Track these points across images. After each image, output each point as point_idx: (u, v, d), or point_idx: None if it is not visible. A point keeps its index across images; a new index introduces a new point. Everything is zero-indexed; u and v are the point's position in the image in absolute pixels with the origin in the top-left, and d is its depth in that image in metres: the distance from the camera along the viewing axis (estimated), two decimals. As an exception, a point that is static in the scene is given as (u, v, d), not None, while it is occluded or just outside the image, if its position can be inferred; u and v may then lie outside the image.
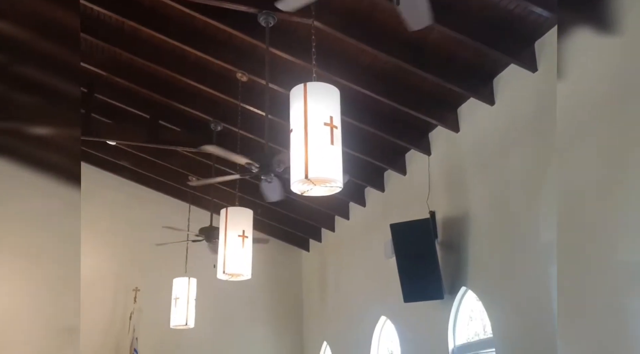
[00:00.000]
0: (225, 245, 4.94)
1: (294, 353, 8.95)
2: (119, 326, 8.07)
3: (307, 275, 9.31)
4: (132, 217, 8.66)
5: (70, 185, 1.35)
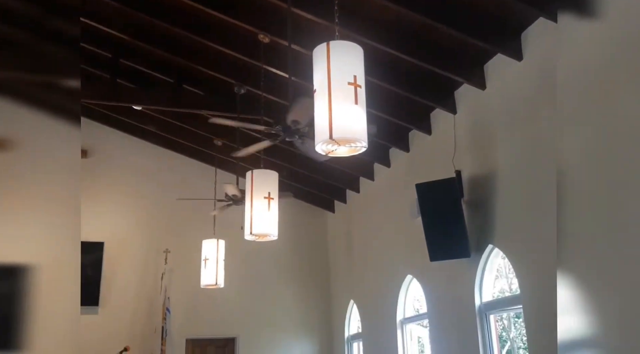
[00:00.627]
0: (252, 206, 5.01)
1: (321, 311, 9.15)
2: (151, 287, 8.34)
3: (333, 235, 9.41)
4: (160, 181, 8.82)
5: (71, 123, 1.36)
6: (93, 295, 7.99)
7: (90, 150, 8.67)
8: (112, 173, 8.68)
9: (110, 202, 8.55)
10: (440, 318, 5.96)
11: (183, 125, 8.04)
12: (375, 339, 7.48)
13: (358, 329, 8.35)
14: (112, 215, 8.52)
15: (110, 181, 8.64)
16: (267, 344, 8.67)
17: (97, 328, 7.89)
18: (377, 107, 5.89)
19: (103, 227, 8.35)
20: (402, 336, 6.79)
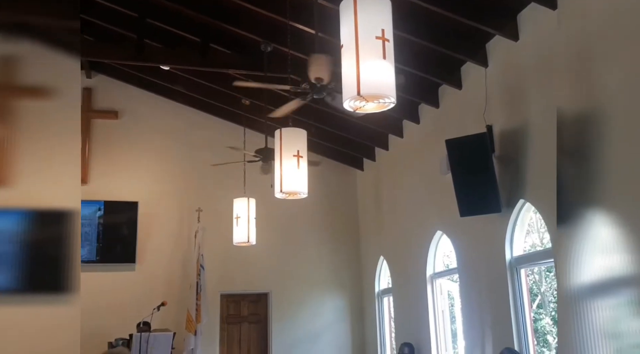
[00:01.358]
0: (281, 165, 5.05)
1: (351, 267, 9.29)
2: (185, 244, 8.57)
3: (362, 193, 9.44)
4: (190, 141, 8.93)
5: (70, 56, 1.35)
6: (130, 253, 8.26)
7: (121, 111, 8.80)
8: (144, 134, 8.81)
9: (142, 162, 8.72)
10: (470, 273, 6.00)
11: (211, 84, 8.06)
12: (405, 294, 7.59)
13: (388, 284, 8.47)
14: (145, 174, 8.70)
15: (142, 141, 8.78)
16: (298, 299, 8.89)
17: (134, 284, 8.19)
18: (405, 61, 5.78)
19: (136, 187, 8.55)
20: (432, 291, 6.87)
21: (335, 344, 8.88)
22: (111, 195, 8.36)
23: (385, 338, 8.51)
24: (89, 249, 8.11)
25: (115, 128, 8.73)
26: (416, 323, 7.04)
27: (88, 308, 7.66)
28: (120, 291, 8.13)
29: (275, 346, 8.67)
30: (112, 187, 8.43)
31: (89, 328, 7.42)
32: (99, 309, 7.81)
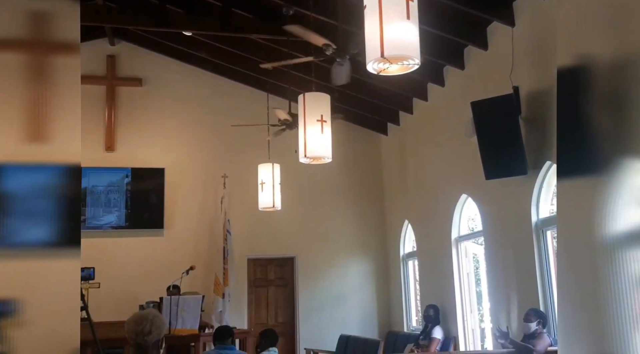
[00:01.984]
0: (305, 130, 5.06)
1: (376, 231, 9.34)
2: (211, 210, 8.70)
3: (387, 157, 9.41)
4: (214, 107, 8.97)
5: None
6: (158, 219, 8.43)
7: (145, 78, 8.85)
8: (168, 101, 8.87)
9: (167, 129, 8.80)
10: (496, 236, 5.99)
11: (233, 50, 8.03)
12: (430, 257, 7.63)
13: (413, 248, 8.52)
14: (170, 141, 8.79)
15: (167, 108, 8.85)
16: (324, 262, 9.01)
17: (163, 249, 8.39)
18: (429, 22, 5.65)
19: (162, 154, 8.67)
20: (457, 254, 6.89)
21: (360, 307, 9.03)
22: (138, 162, 8.50)
23: (410, 300, 8.61)
24: (118, 215, 8.30)
25: (139, 95, 8.80)
26: (441, 286, 7.10)
27: (119, 272, 7.91)
28: (149, 256, 8.34)
29: (301, 309, 8.85)
30: (138, 154, 8.56)
31: (120, 292, 7.68)
32: (130, 274, 8.06)
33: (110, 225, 8.26)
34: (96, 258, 7.01)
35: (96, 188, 8.24)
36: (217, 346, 4.58)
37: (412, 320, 8.53)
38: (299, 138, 5.11)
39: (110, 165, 8.38)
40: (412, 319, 8.54)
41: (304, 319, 8.82)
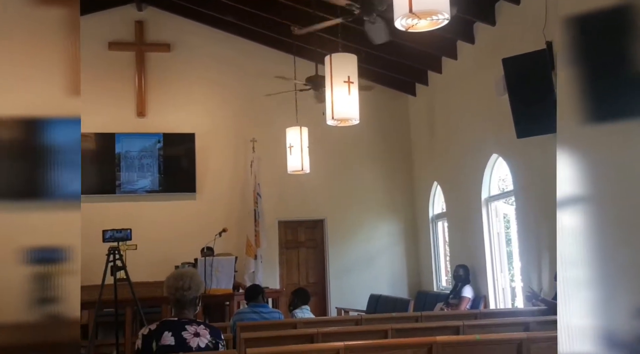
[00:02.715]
0: (332, 91, 5.04)
1: (405, 192, 9.35)
2: (241, 174, 8.82)
3: (415, 118, 9.32)
4: (242, 71, 8.98)
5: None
6: (190, 183, 8.60)
7: (173, 43, 8.88)
8: (196, 65, 8.91)
9: (196, 94, 8.87)
10: (527, 195, 5.93)
11: (260, 13, 7.96)
12: (459, 218, 7.62)
13: (442, 209, 8.51)
14: (200, 106, 8.87)
15: (195, 73, 8.89)
16: (353, 224, 9.09)
17: (196, 213, 8.58)
18: (459, -23, 5.49)
19: (192, 119, 8.76)
20: (487, 214, 6.86)
21: (390, 267, 9.13)
22: (169, 127, 8.62)
23: (439, 260, 8.66)
24: (151, 180, 8.49)
25: (168, 60, 8.86)
26: (471, 246, 7.11)
27: (155, 235, 8.14)
28: (183, 219, 8.54)
29: (332, 269, 9.00)
30: (169, 119, 8.68)
31: (156, 254, 7.92)
32: (165, 237, 8.28)
33: (145, 189, 8.46)
34: (132, 221, 7.21)
35: (129, 154, 8.41)
36: (250, 305, 4.72)
37: (441, 280, 8.60)
38: (326, 100, 5.10)
39: (142, 130, 8.52)
40: (441, 279, 8.61)
41: (335, 279, 8.97)
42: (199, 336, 2.73)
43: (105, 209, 8.13)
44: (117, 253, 4.29)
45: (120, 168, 8.33)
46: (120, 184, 8.33)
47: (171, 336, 2.69)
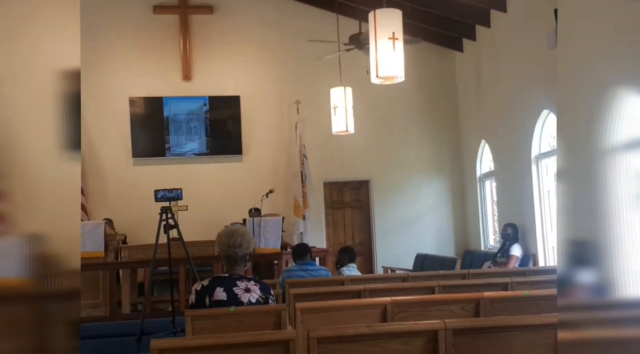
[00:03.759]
0: (376, 49, 4.95)
1: (451, 151, 9.21)
2: (287, 135, 8.87)
3: (462, 75, 9.07)
4: (285, 31, 8.91)
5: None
6: (237, 145, 8.73)
7: (216, 5, 8.87)
8: (239, 27, 8.89)
9: (240, 56, 8.88)
10: (579, 152, 5.72)
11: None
12: (508, 177, 7.46)
13: (490, 167, 8.35)
14: (244, 68, 8.90)
15: (238, 35, 8.89)
16: (399, 184, 9.06)
17: (243, 174, 8.73)
18: None
19: (237, 81, 8.81)
20: (537, 172, 6.69)
21: (436, 227, 9.09)
22: (214, 90, 8.71)
23: (487, 219, 8.55)
24: (199, 142, 8.66)
25: (212, 23, 8.87)
26: (520, 204, 6.97)
27: (204, 197, 8.36)
28: (231, 181, 8.72)
29: (377, 229, 9.04)
30: (214, 82, 8.76)
31: (206, 215, 8.14)
32: (214, 198, 8.49)
33: (193, 152, 8.65)
34: (182, 184, 7.37)
35: (177, 117, 8.58)
36: (298, 263, 4.81)
37: (489, 239, 8.52)
38: (370, 58, 5.02)
39: (189, 94, 8.65)
40: (489, 238, 8.52)
41: (381, 239, 9.02)
42: (249, 291, 2.82)
43: (156, 172, 8.37)
44: (169, 213, 4.43)
45: (169, 132, 8.52)
46: (170, 147, 8.53)
47: (223, 292, 2.79)
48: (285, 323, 2.77)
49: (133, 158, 8.42)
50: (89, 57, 8.48)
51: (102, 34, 8.51)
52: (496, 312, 2.96)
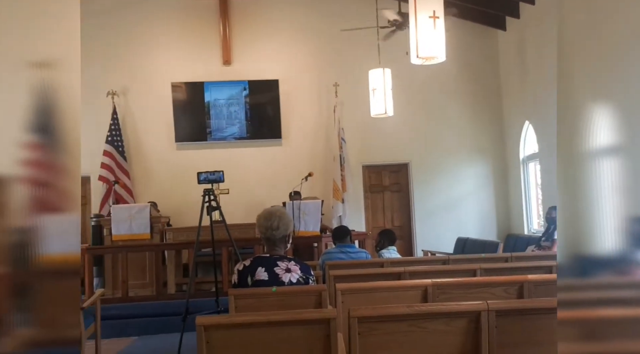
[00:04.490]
0: (417, 28, 4.87)
1: (493, 133, 9.02)
2: (325, 119, 8.87)
3: (504, 54, 8.84)
4: (321, 12, 8.85)
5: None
6: (276, 129, 8.78)
7: (254, -11, 8.89)
8: (278, 11, 8.88)
9: (279, 40, 8.89)
10: (628, 132, 5.52)
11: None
12: (554, 159, 7.26)
13: (534, 150, 8.14)
14: (282, 52, 8.90)
15: (277, 19, 8.89)
16: (439, 167, 8.94)
17: (282, 158, 8.79)
18: None
19: (275, 65, 8.83)
20: (583, 154, 6.48)
21: (477, 210, 8.96)
22: (253, 74, 8.76)
23: (531, 203, 8.37)
24: (239, 127, 8.75)
25: (250, 7, 8.89)
26: (565, 187, 6.78)
27: (245, 180, 8.47)
28: (270, 164, 8.80)
29: (417, 212, 8.98)
30: (254, 66, 8.81)
31: (246, 198, 8.26)
32: (254, 182, 8.60)
33: (233, 136, 8.75)
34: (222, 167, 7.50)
35: (218, 102, 8.68)
36: (338, 245, 4.83)
37: (532, 223, 8.34)
38: (410, 38, 4.94)
39: (229, 78, 8.73)
40: (532, 221, 8.35)
41: (420, 222, 8.96)
42: (290, 271, 2.85)
43: (198, 156, 8.52)
44: (212, 195, 4.51)
45: (210, 116, 8.64)
46: (211, 132, 8.66)
47: (264, 272, 2.83)
48: (326, 303, 2.79)
49: (176, 142, 8.59)
50: (133, 44, 8.66)
51: (144, 21, 8.67)
52: (540, 296, 2.91)
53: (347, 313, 2.08)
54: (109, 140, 8.26)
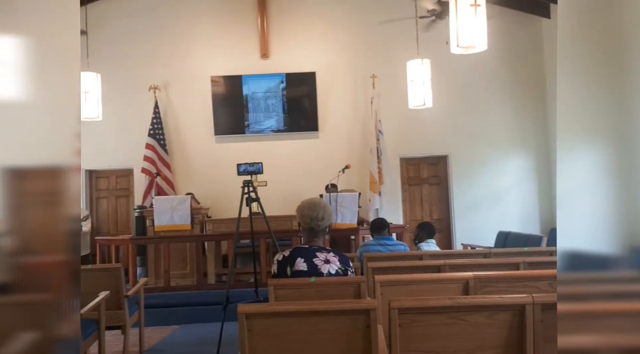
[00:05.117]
0: (457, 16, 4.77)
1: (536, 124, 8.78)
2: (362, 111, 8.81)
3: (549, 42, 8.58)
4: (359, 4, 8.79)
5: None
6: (313, 122, 8.78)
7: (288, -18, 8.89)
8: (314, 3, 8.86)
9: (315, 33, 8.87)
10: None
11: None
12: (598, 150, 7.02)
13: (579, 141, 7.89)
14: (319, 45, 8.88)
15: (313, 11, 8.87)
16: (479, 159, 8.77)
17: (319, 151, 8.79)
18: None
19: (311, 57, 8.82)
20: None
21: (520, 204, 8.76)
22: (290, 67, 8.77)
23: (574, 196, 8.12)
24: (277, 119, 8.79)
25: (288, 1, 8.90)
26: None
27: (282, 172, 8.51)
28: (307, 157, 8.81)
29: (456, 206, 8.84)
30: (291, 59, 8.82)
31: (284, 190, 8.30)
32: (291, 174, 8.63)
33: (271, 129, 8.80)
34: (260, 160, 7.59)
35: (255, 95, 8.74)
36: (376, 237, 4.80)
37: (577, 217, 8.09)
38: (450, 26, 4.85)
39: (267, 71, 8.77)
40: (577, 215, 8.10)
41: (460, 216, 8.82)
42: (329, 262, 2.84)
43: (236, 149, 8.61)
44: (251, 186, 4.55)
45: (248, 110, 8.72)
46: (249, 124, 8.73)
47: (303, 262, 2.83)
48: (364, 295, 2.78)
49: (215, 135, 8.70)
50: (174, 40, 8.79)
51: (186, 17, 8.79)
52: (587, 289, 2.82)
53: (387, 304, 2.07)
54: (151, 133, 8.43)
